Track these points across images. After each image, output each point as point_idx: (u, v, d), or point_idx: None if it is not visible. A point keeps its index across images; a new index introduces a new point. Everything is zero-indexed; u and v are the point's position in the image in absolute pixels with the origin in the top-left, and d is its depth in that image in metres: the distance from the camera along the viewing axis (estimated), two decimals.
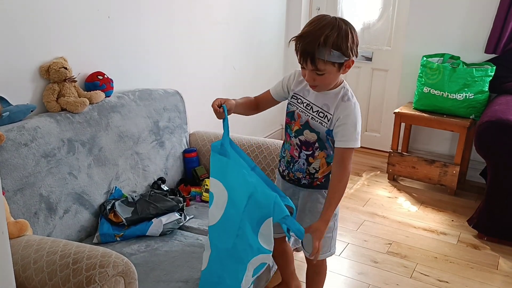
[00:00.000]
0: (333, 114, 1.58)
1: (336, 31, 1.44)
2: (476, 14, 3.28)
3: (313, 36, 1.44)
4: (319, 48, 1.43)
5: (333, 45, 1.43)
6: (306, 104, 1.64)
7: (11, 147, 1.65)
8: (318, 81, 1.53)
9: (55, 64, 1.92)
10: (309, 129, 1.63)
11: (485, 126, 2.61)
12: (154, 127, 2.28)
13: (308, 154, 1.67)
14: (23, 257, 1.39)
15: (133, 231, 1.87)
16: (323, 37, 1.42)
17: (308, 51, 1.45)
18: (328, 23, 1.45)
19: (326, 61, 1.45)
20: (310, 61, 1.46)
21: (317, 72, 1.49)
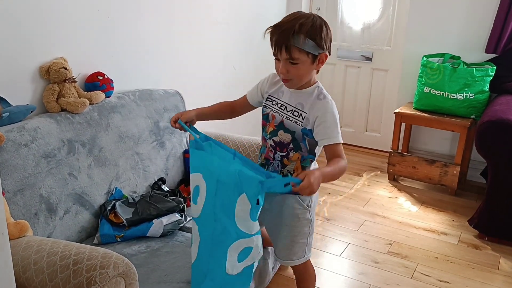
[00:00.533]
0: (308, 112, 1.59)
1: (310, 21, 1.48)
2: (476, 14, 3.28)
3: (288, 25, 1.47)
4: (293, 35, 1.46)
5: (307, 33, 1.47)
6: (281, 105, 1.64)
7: (11, 147, 1.65)
8: (292, 73, 1.53)
9: (55, 64, 1.92)
10: (283, 130, 1.62)
11: (485, 126, 2.60)
12: (154, 127, 2.27)
13: (282, 156, 1.66)
14: (23, 258, 1.39)
15: (133, 232, 1.86)
16: (297, 25, 1.46)
17: (283, 39, 1.47)
18: (303, 15, 1.51)
19: (300, 49, 1.48)
20: (285, 49, 1.48)
21: (291, 61, 1.50)
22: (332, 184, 3.45)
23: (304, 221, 1.72)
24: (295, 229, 1.72)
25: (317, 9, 4.07)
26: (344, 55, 4.05)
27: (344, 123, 4.25)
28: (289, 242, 1.73)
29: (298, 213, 1.70)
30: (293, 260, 1.76)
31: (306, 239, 1.76)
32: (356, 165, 3.83)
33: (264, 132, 1.70)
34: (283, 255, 1.77)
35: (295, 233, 1.72)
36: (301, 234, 1.73)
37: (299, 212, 1.71)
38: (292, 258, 1.75)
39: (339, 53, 4.07)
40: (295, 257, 1.75)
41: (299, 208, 1.70)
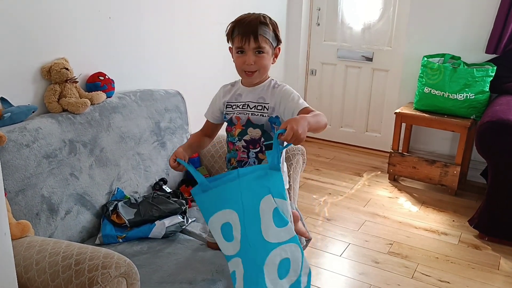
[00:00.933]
0: (270, 101, 1.67)
1: (266, 16, 1.65)
2: (476, 14, 3.28)
3: (253, 17, 1.61)
4: (261, 25, 1.59)
5: (271, 25, 1.63)
6: (242, 105, 1.71)
7: (13, 148, 1.65)
8: (258, 63, 1.62)
9: (56, 65, 1.92)
10: (252, 126, 1.68)
11: (486, 126, 2.61)
12: (155, 127, 2.28)
13: (256, 152, 1.70)
14: (25, 258, 1.39)
15: (135, 233, 1.86)
16: (261, 16, 1.62)
17: (252, 28, 1.59)
18: (256, 13, 1.66)
19: (266, 39, 1.60)
20: (253, 38, 1.58)
21: (259, 50, 1.60)
22: (332, 184, 3.46)
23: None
24: None
25: (317, 9, 4.07)
26: (344, 55, 4.06)
27: (345, 123, 4.26)
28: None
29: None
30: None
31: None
32: (357, 165, 3.84)
33: (231, 137, 1.74)
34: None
35: None
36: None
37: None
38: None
39: (339, 54, 4.07)
40: None
41: None
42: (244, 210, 1.47)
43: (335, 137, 4.32)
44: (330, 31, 4.09)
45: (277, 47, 1.67)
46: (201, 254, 1.77)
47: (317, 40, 4.17)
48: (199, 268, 1.68)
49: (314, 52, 4.21)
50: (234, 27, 1.63)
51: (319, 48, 4.18)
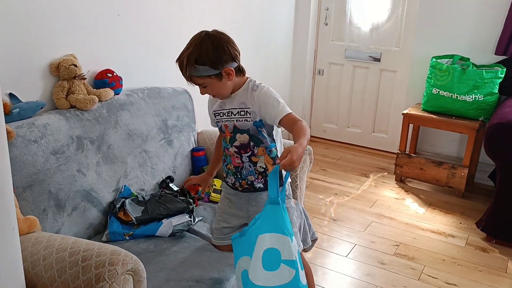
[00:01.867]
0: (250, 106, 1.66)
1: (197, 48, 1.57)
2: (486, 15, 3.26)
3: (180, 59, 1.61)
4: (186, 68, 1.58)
5: (196, 62, 1.56)
6: (227, 112, 1.72)
7: (21, 143, 1.65)
8: (210, 92, 1.66)
9: (65, 61, 1.92)
10: (239, 132, 1.69)
11: (494, 128, 2.59)
12: (162, 125, 2.27)
13: (248, 156, 1.71)
14: (32, 253, 1.39)
15: (142, 231, 1.86)
16: (185, 58, 1.58)
17: (182, 72, 1.61)
18: (193, 41, 1.61)
19: (200, 76, 1.59)
20: (188, 79, 1.62)
21: (200, 85, 1.63)
22: (338, 185, 3.44)
23: (291, 210, 1.76)
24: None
25: (325, 9, 4.06)
26: (352, 55, 4.04)
27: (352, 124, 4.24)
28: None
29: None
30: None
31: (295, 227, 1.79)
32: (363, 166, 3.82)
33: (224, 143, 1.77)
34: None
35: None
36: (291, 224, 1.73)
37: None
38: None
39: (347, 54, 4.06)
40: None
41: None
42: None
43: (342, 138, 4.31)
44: (338, 31, 4.08)
45: (225, 69, 1.58)
46: (208, 253, 1.77)
47: (325, 40, 4.15)
48: (206, 266, 1.67)
49: (322, 52, 4.20)
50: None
51: (326, 48, 4.16)
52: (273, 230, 1.39)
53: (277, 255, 1.37)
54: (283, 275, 1.36)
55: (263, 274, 1.37)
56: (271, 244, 1.38)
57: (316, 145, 4.22)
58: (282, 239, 1.38)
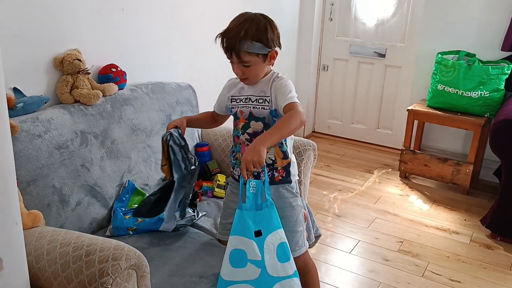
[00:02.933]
0: (270, 95, 1.66)
1: (255, 25, 1.56)
2: (492, 11, 3.23)
3: (234, 31, 1.55)
4: (241, 41, 1.54)
5: (253, 37, 1.55)
6: (245, 99, 1.70)
7: (25, 138, 1.65)
8: (246, 73, 1.62)
9: (69, 56, 1.92)
10: (254, 119, 1.68)
11: (500, 125, 2.57)
12: (166, 120, 2.27)
13: None
14: (36, 248, 1.39)
15: (146, 226, 1.86)
16: (243, 31, 1.54)
17: (232, 45, 1.56)
18: (248, 18, 1.58)
19: (250, 52, 1.56)
20: (235, 55, 1.57)
21: (244, 64, 1.59)
22: (342, 181, 3.43)
23: (298, 208, 1.75)
24: (292, 218, 1.73)
25: (330, 4, 4.04)
26: (357, 51, 4.02)
27: (356, 120, 4.22)
28: (289, 233, 1.72)
29: (291, 201, 1.73)
30: (296, 251, 1.75)
31: (302, 226, 1.78)
32: (367, 162, 3.81)
33: (236, 130, 1.75)
34: None
35: (293, 223, 1.73)
36: (298, 222, 1.75)
37: (292, 201, 1.73)
38: (295, 249, 1.75)
39: (352, 49, 4.04)
40: (297, 247, 1.75)
41: (291, 196, 1.73)
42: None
43: (346, 134, 4.29)
44: (342, 27, 4.06)
45: (272, 51, 1.62)
46: (211, 249, 1.77)
47: (330, 35, 4.14)
48: (210, 262, 1.67)
49: (327, 47, 4.18)
50: (220, 37, 1.61)
51: (331, 43, 4.15)
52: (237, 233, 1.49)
53: (244, 254, 1.48)
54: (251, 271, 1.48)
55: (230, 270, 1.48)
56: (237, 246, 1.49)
57: (320, 141, 4.21)
58: (244, 240, 1.49)
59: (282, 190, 1.72)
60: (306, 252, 1.82)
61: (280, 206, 1.72)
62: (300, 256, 1.78)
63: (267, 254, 1.49)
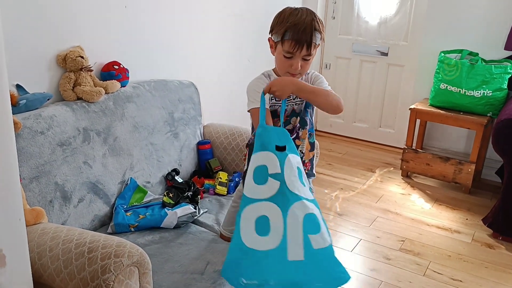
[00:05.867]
0: None
1: (316, 16, 1.59)
2: (496, 10, 3.22)
3: (307, 22, 1.55)
4: (314, 33, 1.55)
5: (320, 29, 1.58)
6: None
7: (28, 135, 1.66)
8: (304, 68, 1.62)
9: (71, 53, 1.92)
10: (295, 116, 1.70)
11: (503, 124, 2.56)
12: (169, 118, 2.27)
13: (293, 138, 1.69)
14: (38, 244, 1.40)
15: (147, 222, 1.86)
16: (315, 22, 1.56)
17: (306, 37, 1.55)
18: (307, 11, 1.60)
19: (316, 45, 1.59)
20: (306, 47, 1.56)
21: (307, 57, 1.59)
22: (344, 180, 3.43)
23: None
24: None
25: (333, 2, 4.03)
26: (359, 49, 4.01)
27: (358, 118, 4.22)
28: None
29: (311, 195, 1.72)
30: None
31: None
32: (369, 161, 3.81)
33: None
34: None
35: None
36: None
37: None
38: None
39: (354, 48, 4.03)
40: None
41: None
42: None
43: (348, 132, 4.29)
44: (345, 25, 4.05)
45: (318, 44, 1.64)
46: (213, 245, 1.77)
47: (332, 33, 4.13)
48: (211, 259, 1.67)
49: (329, 45, 4.17)
50: (287, 30, 1.56)
51: (334, 41, 4.14)
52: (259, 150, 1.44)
53: (265, 169, 1.42)
54: (272, 186, 1.40)
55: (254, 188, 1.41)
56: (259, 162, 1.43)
57: (322, 139, 4.20)
58: (266, 155, 1.44)
59: None
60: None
61: None
62: None
63: (287, 169, 1.42)
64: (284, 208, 1.37)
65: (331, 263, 1.41)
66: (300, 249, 1.35)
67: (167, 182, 2.18)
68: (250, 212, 1.37)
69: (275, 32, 1.61)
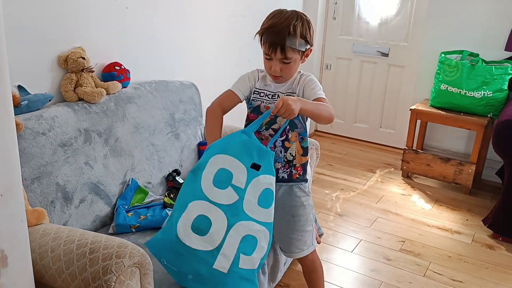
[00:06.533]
0: (297, 91, 1.67)
1: (300, 21, 1.56)
2: (496, 11, 3.23)
3: (281, 26, 1.54)
4: (289, 37, 1.53)
5: (300, 34, 1.55)
6: (272, 95, 1.69)
7: (29, 135, 1.66)
8: (284, 71, 1.61)
9: (73, 54, 1.92)
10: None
11: (503, 125, 2.57)
12: (170, 119, 2.28)
13: (283, 140, 1.68)
14: (40, 245, 1.40)
15: (148, 223, 1.87)
16: (292, 26, 1.53)
17: (278, 40, 1.54)
18: (291, 14, 1.57)
19: (294, 49, 1.56)
20: (280, 50, 1.55)
21: (285, 61, 1.58)
22: (345, 180, 3.44)
23: (309, 208, 1.76)
24: (302, 218, 1.74)
25: (334, 3, 4.03)
26: (360, 50, 4.02)
27: (359, 119, 4.22)
28: (298, 233, 1.75)
29: (302, 201, 1.74)
30: (304, 251, 1.77)
31: (311, 226, 1.79)
32: (370, 161, 3.81)
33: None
34: (295, 247, 1.77)
35: (303, 222, 1.75)
36: (308, 221, 1.77)
37: (303, 200, 1.74)
38: (303, 248, 1.77)
39: (355, 48, 4.04)
40: (305, 247, 1.77)
41: (303, 195, 1.74)
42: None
43: (349, 133, 4.29)
44: (346, 25, 4.05)
45: (308, 49, 1.64)
46: None
47: (333, 34, 4.13)
48: None
49: (330, 46, 4.18)
50: (264, 32, 1.59)
51: (334, 42, 4.14)
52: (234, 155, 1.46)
53: (230, 177, 1.45)
54: (229, 196, 1.44)
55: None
56: (226, 166, 1.45)
57: (322, 140, 4.21)
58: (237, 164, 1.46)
59: (295, 189, 1.73)
60: (314, 251, 1.83)
61: (291, 204, 1.73)
62: (308, 255, 1.80)
63: (251, 189, 1.45)
64: (231, 221, 1.43)
65: (248, 285, 1.47)
66: (228, 263, 1.42)
67: (168, 183, 2.18)
68: (196, 207, 1.41)
69: (258, 33, 1.63)
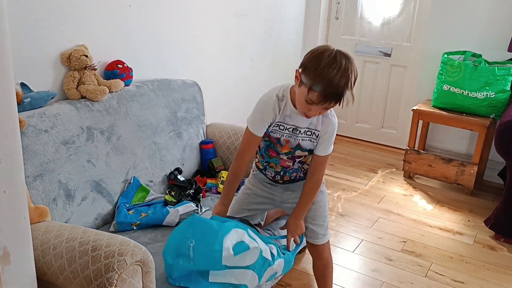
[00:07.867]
0: (320, 130, 1.69)
1: (353, 74, 1.51)
2: (499, 12, 3.22)
3: (342, 83, 1.47)
4: (346, 91, 1.50)
5: (352, 87, 1.52)
6: (293, 129, 1.68)
7: (32, 133, 1.66)
8: (321, 113, 1.61)
9: (76, 51, 1.93)
10: (300, 150, 1.71)
11: (506, 126, 2.56)
12: (172, 117, 2.28)
13: (300, 161, 1.77)
14: (42, 242, 1.40)
15: (149, 220, 1.87)
16: (350, 83, 1.49)
17: (337, 97, 1.49)
18: (346, 66, 1.49)
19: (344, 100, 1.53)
20: (335, 103, 1.52)
21: (330, 107, 1.56)
22: (346, 180, 3.43)
23: (325, 194, 1.89)
24: (322, 203, 1.86)
25: (336, 2, 4.03)
26: (362, 50, 4.01)
27: (360, 119, 4.22)
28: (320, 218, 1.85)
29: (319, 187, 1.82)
30: (326, 235, 1.88)
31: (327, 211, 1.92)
32: (371, 162, 3.81)
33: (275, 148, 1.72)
34: (320, 232, 1.86)
35: (323, 207, 1.87)
36: (326, 207, 1.90)
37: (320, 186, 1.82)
38: (326, 233, 1.88)
39: (357, 48, 4.03)
40: (327, 232, 1.89)
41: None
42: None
43: (350, 133, 4.29)
44: (348, 25, 4.05)
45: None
46: None
47: (335, 34, 4.13)
48: None
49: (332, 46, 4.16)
50: (319, 84, 1.46)
51: (337, 42, 4.13)
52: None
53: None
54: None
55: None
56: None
57: None
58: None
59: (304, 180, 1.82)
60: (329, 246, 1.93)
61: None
62: (326, 249, 1.91)
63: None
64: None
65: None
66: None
67: (170, 181, 2.19)
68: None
69: (305, 75, 1.50)
